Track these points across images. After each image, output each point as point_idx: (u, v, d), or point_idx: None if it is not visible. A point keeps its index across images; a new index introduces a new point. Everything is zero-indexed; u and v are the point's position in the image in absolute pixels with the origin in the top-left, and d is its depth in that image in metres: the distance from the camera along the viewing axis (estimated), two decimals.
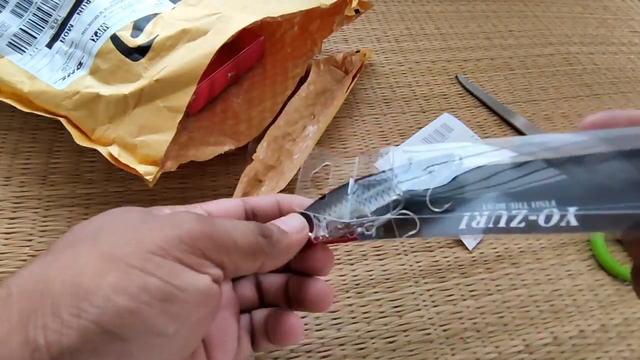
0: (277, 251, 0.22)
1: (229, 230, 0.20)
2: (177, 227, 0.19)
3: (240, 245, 0.20)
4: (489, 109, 0.52)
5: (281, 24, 0.48)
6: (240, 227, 0.21)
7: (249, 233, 0.21)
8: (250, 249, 0.20)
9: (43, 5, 0.37)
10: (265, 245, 0.21)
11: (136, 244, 0.18)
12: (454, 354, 0.34)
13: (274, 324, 0.25)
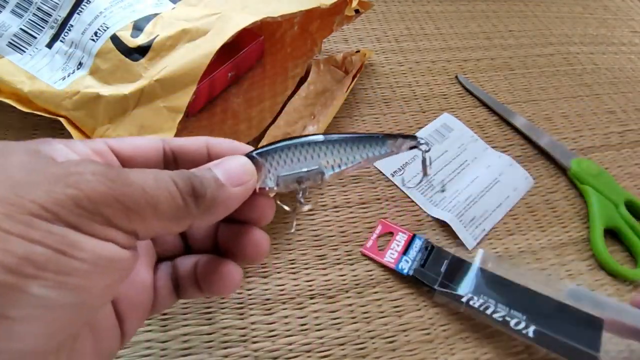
0: (210, 212, 0.18)
1: (147, 192, 0.16)
2: (72, 186, 0.15)
3: (161, 210, 0.16)
4: (489, 109, 0.52)
5: (281, 24, 0.48)
6: (162, 184, 0.16)
7: (174, 194, 0.17)
8: (174, 214, 0.17)
9: (43, 5, 0.37)
10: (195, 207, 0.17)
11: (13, 203, 0.14)
12: (453, 354, 0.34)
13: (207, 272, 0.22)
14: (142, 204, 0.16)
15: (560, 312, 0.33)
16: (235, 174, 0.19)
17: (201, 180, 0.18)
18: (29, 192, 0.14)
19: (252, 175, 0.20)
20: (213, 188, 0.18)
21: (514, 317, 0.33)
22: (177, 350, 0.31)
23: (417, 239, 0.39)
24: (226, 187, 0.18)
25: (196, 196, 0.17)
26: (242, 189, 0.19)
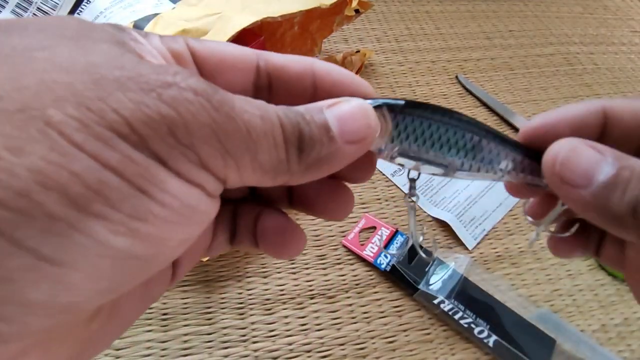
0: (310, 172, 0.15)
1: (250, 134, 0.13)
2: (169, 104, 0.11)
3: (259, 160, 0.13)
4: (489, 109, 0.52)
5: (281, 24, 0.48)
6: (269, 127, 0.13)
7: (279, 143, 0.13)
8: (272, 167, 0.14)
9: (43, 5, 0.37)
10: (297, 163, 0.14)
11: (92, 108, 0.11)
12: (453, 354, 0.34)
13: (270, 232, 0.18)
14: (242, 148, 0.13)
15: (520, 327, 0.34)
16: (352, 127, 0.15)
17: (310, 129, 0.14)
18: (114, 95, 0.11)
19: (374, 131, 0.15)
20: (322, 142, 0.14)
21: (478, 325, 0.34)
22: (177, 350, 0.31)
23: (399, 235, 0.39)
24: (337, 142, 0.14)
25: (301, 149, 0.14)
26: (356, 149, 0.15)
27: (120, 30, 0.13)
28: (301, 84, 0.16)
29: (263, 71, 0.16)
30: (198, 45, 0.15)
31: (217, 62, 0.16)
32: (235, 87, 0.16)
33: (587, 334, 0.36)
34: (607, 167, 0.15)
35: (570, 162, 0.16)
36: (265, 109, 0.13)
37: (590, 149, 0.16)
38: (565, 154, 0.16)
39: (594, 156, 0.15)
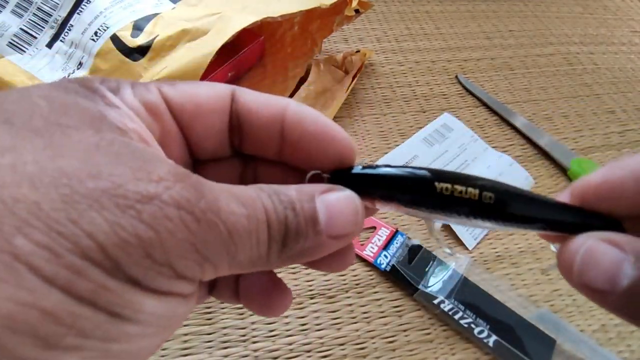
0: (288, 262, 0.14)
1: (232, 237, 0.12)
2: (148, 224, 0.11)
3: (238, 260, 0.13)
4: (489, 109, 0.52)
5: (281, 24, 0.48)
6: (253, 226, 0.13)
7: (262, 241, 0.13)
8: (251, 263, 0.13)
9: (43, 5, 0.37)
10: (277, 257, 0.14)
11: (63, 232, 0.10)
12: (454, 354, 0.34)
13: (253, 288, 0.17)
14: (222, 252, 0.12)
15: (520, 327, 0.34)
16: (340, 222, 0.14)
17: (298, 223, 0.13)
18: (87, 216, 0.10)
19: (360, 229, 0.15)
20: (307, 237, 0.14)
21: (479, 325, 0.34)
22: (177, 350, 0.31)
23: (399, 235, 0.39)
24: (322, 236, 0.14)
25: (285, 244, 0.13)
26: (340, 243, 0.14)
27: (92, 93, 0.13)
28: (269, 131, 0.16)
29: (235, 114, 0.16)
30: (172, 93, 0.15)
31: (191, 110, 0.15)
32: (212, 132, 0.16)
33: (587, 334, 0.36)
34: (629, 268, 0.13)
35: (590, 269, 0.14)
36: (253, 206, 0.13)
37: (610, 247, 0.14)
38: (583, 259, 0.14)
39: (614, 256, 0.14)
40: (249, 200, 0.13)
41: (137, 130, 0.13)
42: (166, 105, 0.15)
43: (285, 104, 0.15)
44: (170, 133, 0.15)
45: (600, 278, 0.14)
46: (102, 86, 0.13)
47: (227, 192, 0.13)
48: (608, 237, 0.14)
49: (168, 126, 0.15)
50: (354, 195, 0.15)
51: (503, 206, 0.16)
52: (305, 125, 0.15)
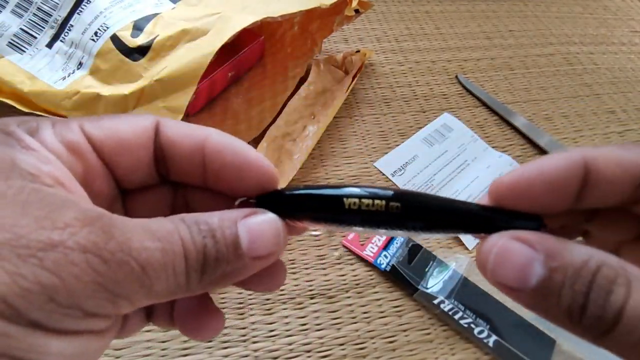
0: (210, 288, 0.14)
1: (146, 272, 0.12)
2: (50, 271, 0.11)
3: (155, 291, 0.13)
4: (489, 109, 0.52)
5: (281, 24, 0.48)
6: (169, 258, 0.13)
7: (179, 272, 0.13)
8: (169, 293, 0.13)
9: (43, 5, 0.37)
10: (197, 284, 0.14)
11: None
12: (453, 354, 0.34)
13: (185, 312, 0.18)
14: (135, 288, 0.12)
15: (520, 327, 0.34)
16: (262, 243, 0.15)
17: (218, 249, 0.14)
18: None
19: (282, 247, 0.15)
20: (228, 261, 0.14)
21: (478, 325, 0.34)
22: (177, 350, 0.31)
23: None
24: (244, 259, 0.14)
25: (204, 271, 0.14)
26: (263, 263, 0.15)
27: (6, 137, 0.13)
28: (191, 162, 0.16)
29: (159, 147, 0.16)
30: (94, 130, 0.15)
31: (115, 146, 0.15)
32: (138, 165, 0.16)
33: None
34: (539, 267, 0.14)
35: (502, 265, 0.14)
36: (168, 239, 0.13)
37: (522, 246, 0.14)
38: (496, 257, 0.14)
39: (526, 254, 0.14)
40: (165, 233, 0.13)
41: (52, 173, 0.13)
42: (88, 142, 0.15)
43: (205, 135, 0.16)
44: (94, 169, 0.15)
45: (511, 276, 0.14)
46: (18, 129, 0.13)
47: (141, 228, 0.13)
48: (519, 236, 0.14)
49: (91, 163, 0.15)
50: (275, 217, 0.15)
51: (410, 214, 0.16)
52: (224, 155, 0.16)
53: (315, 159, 0.43)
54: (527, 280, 0.14)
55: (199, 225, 0.14)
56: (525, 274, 0.14)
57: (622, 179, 0.15)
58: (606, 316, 0.13)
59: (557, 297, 0.13)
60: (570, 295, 0.13)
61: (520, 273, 0.14)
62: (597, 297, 0.13)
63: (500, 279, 0.14)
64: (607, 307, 0.13)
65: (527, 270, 0.14)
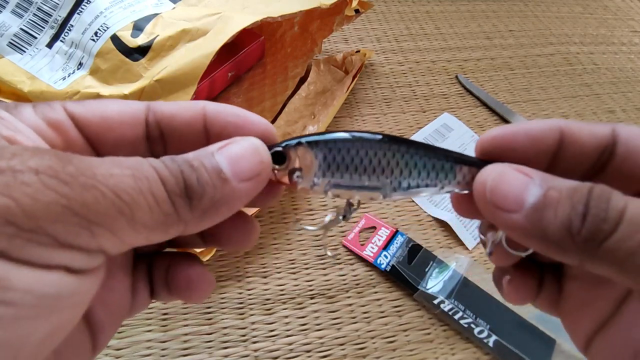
0: (208, 216, 0.14)
1: (120, 196, 0.12)
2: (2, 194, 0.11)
3: (140, 219, 0.12)
4: (489, 109, 0.52)
5: (281, 24, 0.48)
6: (143, 184, 0.12)
7: (160, 197, 0.13)
8: (160, 222, 0.13)
9: (43, 5, 0.37)
10: (188, 211, 0.13)
11: None
12: (453, 354, 0.34)
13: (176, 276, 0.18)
14: (111, 213, 0.12)
15: (520, 327, 0.34)
16: (245, 165, 0.14)
17: (198, 174, 0.14)
18: None
19: (267, 166, 0.15)
20: (214, 185, 0.14)
21: (479, 325, 0.34)
22: (177, 350, 0.31)
23: (399, 235, 0.39)
24: (231, 183, 0.14)
25: (190, 197, 0.13)
26: (253, 185, 0.15)
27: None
28: (192, 130, 0.16)
29: (153, 123, 0.16)
30: (78, 109, 0.15)
31: (99, 122, 0.15)
32: (124, 143, 0.16)
33: None
34: (535, 189, 0.14)
35: (500, 187, 0.15)
36: (138, 167, 0.13)
37: (518, 173, 0.15)
38: (494, 179, 0.15)
39: (522, 179, 0.15)
40: (134, 163, 0.13)
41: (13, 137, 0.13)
42: (72, 121, 0.15)
43: (202, 103, 0.16)
44: (76, 145, 0.15)
45: (509, 197, 0.15)
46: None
47: (108, 160, 0.13)
48: (517, 167, 0.15)
49: (72, 138, 0.15)
50: (253, 139, 0.15)
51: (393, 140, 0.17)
52: (225, 116, 0.16)
53: None
54: (524, 199, 0.14)
55: (173, 158, 0.14)
56: (523, 194, 0.14)
57: (590, 142, 0.16)
58: (608, 218, 0.13)
59: (555, 212, 0.14)
60: (569, 206, 0.14)
61: (518, 193, 0.15)
62: (597, 202, 0.13)
63: (497, 199, 0.15)
64: (608, 209, 0.13)
65: (524, 190, 0.14)
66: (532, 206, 0.14)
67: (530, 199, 0.14)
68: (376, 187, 0.17)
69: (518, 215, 0.14)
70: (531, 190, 0.14)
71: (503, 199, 0.15)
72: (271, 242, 0.37)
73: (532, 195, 0.14)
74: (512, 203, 0.15)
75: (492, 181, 0.15)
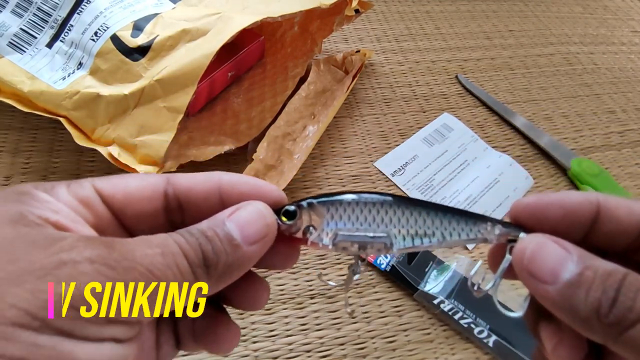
0: (222, 280, 0.16)
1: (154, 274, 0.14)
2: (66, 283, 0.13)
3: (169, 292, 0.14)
4: (489, 109, 0.52)
5: (281, 24, 0.48)
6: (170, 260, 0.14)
7: (184, 270, 0.15)
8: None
9: (43, 5, 0.37)
10: (206, 278, 0.15)
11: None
12: (453, 354, 0.34)
13: (204, 330, 0.19)
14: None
15: (520, 327, 0.34)
16: (252, 230, 0.16)
17: (213, 244, 0.15)
18: (9, 292, 0.12)
19: (272, 227, 0.17)
20: (227, 252, 0.15)
21: (478, 325, 0.34)
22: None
23: None
24: (241, 247, 0.16)
25: (208, 266, 0.15)
26: (261, 247, 0.16)
27: (20, 196, 0.15)
28: (208, 202, 0.18)
29: (171, 196, 0.18)
30: (104, 185, 0.17)
31: (123, 198, 0.17)
32: (145, 215, 0.18)
33: None
34: (572, 265, 0.15)
35: (538, 258, 0.16)
36: (165, 244, 0.15)
37: (557, 246, 0.16)
38: (533, 249, 0.16)
39: (561, 253, 0.15)
40: (161, 240, 0.15)
41: (59, 221, 0.15)
42: (99, 196, 0.17)
43: (218, 175, 0.18)
44: (104, 219, 0.17)
45: (546, 269, 0.15)
46: (34, 189, 0.15)
47: (140, 240, 0.15)
48: (557, 239, 0.16)
49: (101, 213, 0.17)
50: (258, 204, 0.17)
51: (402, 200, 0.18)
52: (239, 186, 0.18)
53: (316, 158, 0.43)
54: (560, 274, 0.15)
55: (190, 230, 0.16)
56: (559, 268, 0.15)
57: (629, 221, 0.16)
58: (635, 307, 0.14)
59: (586, 292, 0.14)
60: (601, 290, 0.14)
61: (554, 267, 0.15)
62: (627, 291, 0.14)
63: (535, 271, 0.16)
64: (637, 299, 0.14)
65: (561, 265, 0.15)
66: (567, 282, 0.15)
67: (566, 275, 0.15)
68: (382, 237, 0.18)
69: (552, 288, 0.15)
70: (568, 266, 0.15)
71: (539, 269, 0.15)
72: None
73: (568, 272, 0.15)
74: (548, 275, 0.15)
75: (532, 250, 0.16)
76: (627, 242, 0.17)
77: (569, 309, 0.15)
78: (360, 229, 0.18)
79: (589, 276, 0.15)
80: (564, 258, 0.15)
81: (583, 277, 0.15)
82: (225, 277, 0.16)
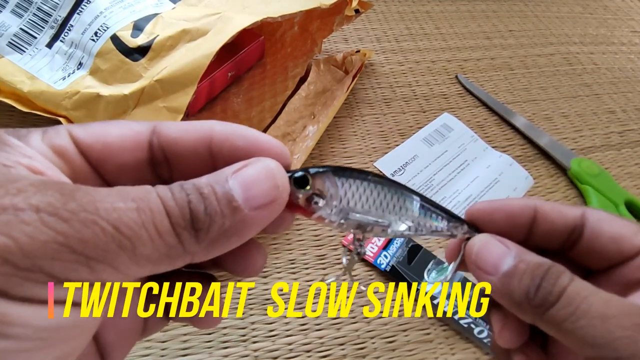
0: (217, 247, 0.14)
1: (121, 231, 0.12)
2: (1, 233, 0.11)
3: (142, 253, 0.12)
4: (489, 109, 0.52)
5: (281, 24, 0.48)
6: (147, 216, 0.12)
7: (163, 231, 0.12)
8: (164, 255, 0.13)
9: (43, 5, 0.37)
10: (195, 243, 0.13)
11: None
12: (453, 354, 0.34)
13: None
14: (111, 248, 0.12)
15: None
16: (258, 191, 0.14)
17: (207, 204, 0.13)
18: None
19: (283, 191, 0.14)
20: (223, 214, 0.13)
21: (478, 325, 0.34)
22: (177, 350, 0.31)
23: None
24: (242, 211, 0.13)
25: (196, 229, 0.13)
26: (266, 213, 0.14)
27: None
28: (197, 156, 0.15)
29: (157, 147, 0.15)
30: (82, 134, 0.15)
31: (102, 148, 0.15)
32: (127, 168, 0.16)
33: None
34: (510, 259, 0.18)
35: (483, 254, 0.19)
36: (145, 198, 0.12)
37: (500, 244, 0.19)
38: (480, 246, 0.19)
39: (502, 250, 0.18)
40: (141, 194, 0.13)
41: (31, 165, 0.13)
42: (75, 146, 0.15)
43: (209, 126, 0.16)
44: (81, 172, 0.15)
45: (489, 263, 0.18)
46: (6, 135, 0.14)
47: (115, 191, 0.13)
48: (500, 238, 0.19)
49: (77, 165, 0.15)
50: (269, 161, 0.15)
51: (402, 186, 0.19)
52: (234, 140, 0.15)
53: (315, 159, 0.43)
54: (500, 267, 0.18)
55: (183, 185, 0.13)
56: (500, 262, 0.18)
57: (560, 222, 0.19)
58: (553, 292, 0.16)
59: (519, 280, 0.17)
60: (530, 278, 0.17)
61: (496, 260, 0.18)
62: (549, 278, 0.17)
63: (480, 263, 0.18)
64: (555, 285, 0.17)
65: (501, 259, 0.18)
66: (505, 273, 0.18)
67: (504, 267, 0.18)
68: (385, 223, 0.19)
69: (494, 278, 0.18)
70: (507, 260, 0.18)
71: (484, 262, 0.18)
72: (271, 242, 0.37)
73: (506, 264, 0.18)
74: (491, 267, 0.18)
75: (478, 247, 0.19)
76: (561, 240, 0.20)
77: (507, 295, 0.17)
78: (370, 212, 0.18)
79: (522, 267, 0.17)
80: (504, 253, 0.18)
81: (517, 269, 0.17)
82: (219, 244, 0.13)
